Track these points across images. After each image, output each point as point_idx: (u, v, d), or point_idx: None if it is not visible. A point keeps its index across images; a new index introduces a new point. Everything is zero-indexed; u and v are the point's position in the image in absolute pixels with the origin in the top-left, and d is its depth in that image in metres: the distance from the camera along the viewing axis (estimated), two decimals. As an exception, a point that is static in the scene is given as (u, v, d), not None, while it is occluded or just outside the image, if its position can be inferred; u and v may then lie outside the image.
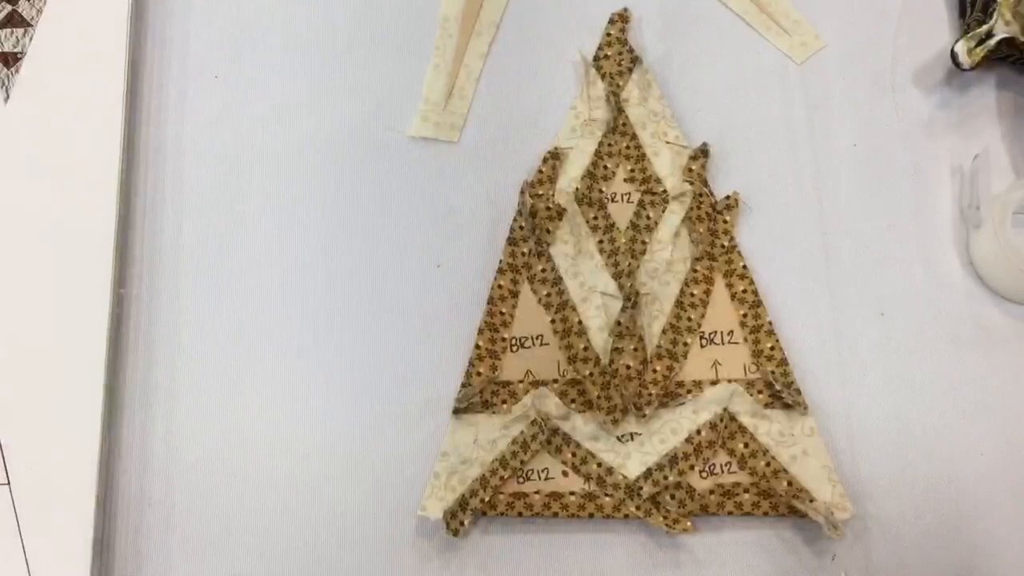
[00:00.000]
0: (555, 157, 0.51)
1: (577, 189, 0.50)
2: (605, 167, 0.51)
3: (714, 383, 0.47)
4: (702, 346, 0.48)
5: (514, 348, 0.48)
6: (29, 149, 0.50)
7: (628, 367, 0.47)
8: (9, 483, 0.44)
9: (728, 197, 0.50)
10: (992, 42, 0.49)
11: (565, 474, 0.45)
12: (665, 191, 0.50)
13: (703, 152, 0.51)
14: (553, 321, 0.48)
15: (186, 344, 0.48)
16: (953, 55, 0.50)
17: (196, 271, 0.50)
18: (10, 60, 0.51)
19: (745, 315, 0.48)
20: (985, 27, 0.50)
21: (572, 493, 0.45)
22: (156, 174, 0.51)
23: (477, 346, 0.48)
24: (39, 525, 0.44)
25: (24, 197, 0.49)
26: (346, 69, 0.53)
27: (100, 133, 0.50)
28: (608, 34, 0.53)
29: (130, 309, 0.49)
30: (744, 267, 0.49)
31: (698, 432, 0.45)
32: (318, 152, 0.52)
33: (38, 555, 0.44)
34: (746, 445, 0.45)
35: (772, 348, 0.47)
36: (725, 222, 0.50)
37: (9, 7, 0.51)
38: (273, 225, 0.51)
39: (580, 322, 0.48)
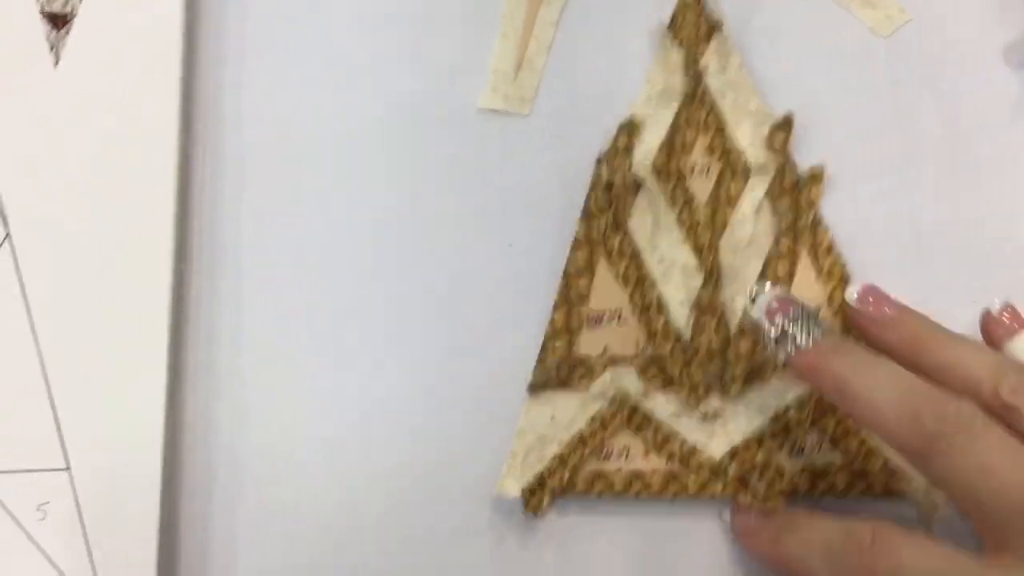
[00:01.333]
0: (631, 128, 0.49)
1: (654, 161, 0.48)
2: (683, 138, 0.49)
3: (801, 361, 0.45)
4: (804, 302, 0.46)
5: (591, 324, 0.46)
6: (82, 116, 0.47)
7: (710, 344, 0.45)
8: (69, 468, 0.43)
9: (812, 170, 0.48)
10: (1098, 3, 0.47)
11: (647, 453, 0.44)
12: (746, 163, 0.48)
13: (787, 123, 0.49)
14: (631, 296, 0.47)
15: (248, 321, 0.47)
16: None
17: (258, 246, 0.48)
18: (59, 21, 0.47)
19: (833, 290, 0.46)
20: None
21: (654, 472, 0.43)
22: (215, 143, 0.49)
23: (553, 321, 0.46)
24: (102, 510, 0.42)
25: (77, 168, 0.47)
26: (412, 38, 0.52)
27: (156, 99, 0.47)
28: (685, 0, 0.51)
29: (191, 285, 0.47)
30: (831, 242, 0.47)
31: (786, 411, 0.44)
32: (382, 125, 0.50)
33: (102, 542, 0.42)
34: (838, 424, 0.43)
35: (862, 325, 0.45)
36: (809, 195, 0.48)
37: (58, -38, 0.48)
38: (336, 200, 0.49)
39: (659, 297, 0.46)
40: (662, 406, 0.45)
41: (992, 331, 0.41)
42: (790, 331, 0.40)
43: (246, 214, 0.49)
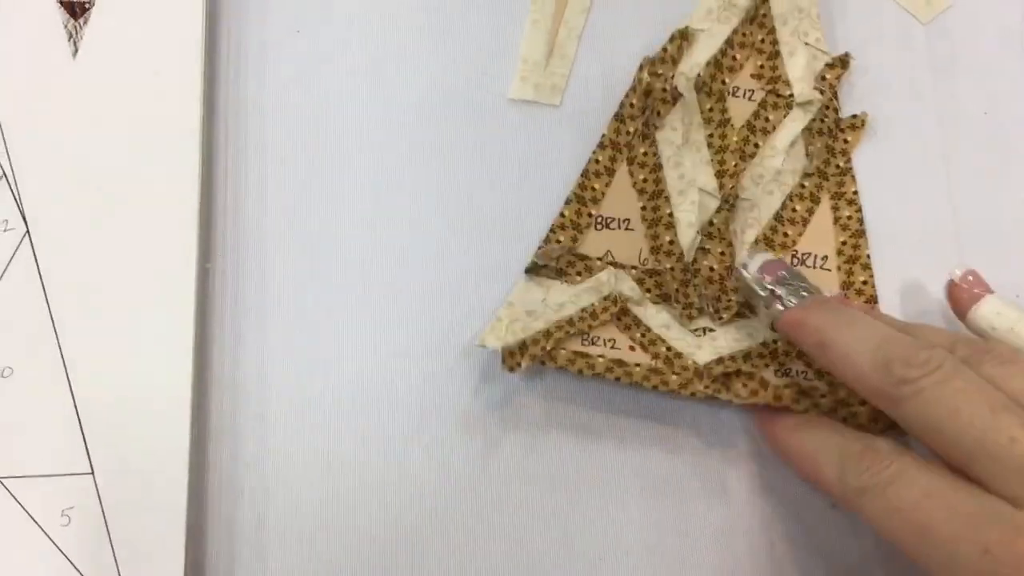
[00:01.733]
0: (683, 37, 0.47)
1: (699, 75, 0.47)
2: (734, 57, 0.48)
3: (797, 303, 0.44)
4: (792, 265, 0.46)
5: (598, 226, 0.46)
6: (102, 109, 0.45)
7: (712, 269, 0.45)
8: (93, 472, 0.41)
9: (855, 116, 0.47)
10: None
11: (632, 348, 0.44)
12: (791, 95, 0.47)
13: (843, 62, 0.47)
14: (644, 208, 0.46)
15: (274, 321, 0.45)
16: None
17: (282, 242, 0.46)
18: (77, 10, 0.45)
19: (844, 243, 0.46)
20: None
21: (637, 364, 0.43)
22: (237, 136, 0.47)
23: (562, 215, 0.46)
24: (127, 515, 0.40)
25: (97, 163, 0.44)
26: (439, 25, 0.49)
27: (178, 92, 0.45)
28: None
29: (215, 284, 0.45)
30: (855, 193, 0.46)
31: (775, 341, 0.44)
32: (408, 116, 0.48)
33: (127, 547, 0.40)
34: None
35: (864, 283, 0.45)
36: (846, 142, 0.47)
37: (76, -49, 0.46)
38: (360, 193, 0.47)
39: (671, 214, 0.46)
40: (653, 316, 0.45)
41: (957, 298, 0.41)
42: (778, 292, 0.41)
43: (270, 210, 0.47)
